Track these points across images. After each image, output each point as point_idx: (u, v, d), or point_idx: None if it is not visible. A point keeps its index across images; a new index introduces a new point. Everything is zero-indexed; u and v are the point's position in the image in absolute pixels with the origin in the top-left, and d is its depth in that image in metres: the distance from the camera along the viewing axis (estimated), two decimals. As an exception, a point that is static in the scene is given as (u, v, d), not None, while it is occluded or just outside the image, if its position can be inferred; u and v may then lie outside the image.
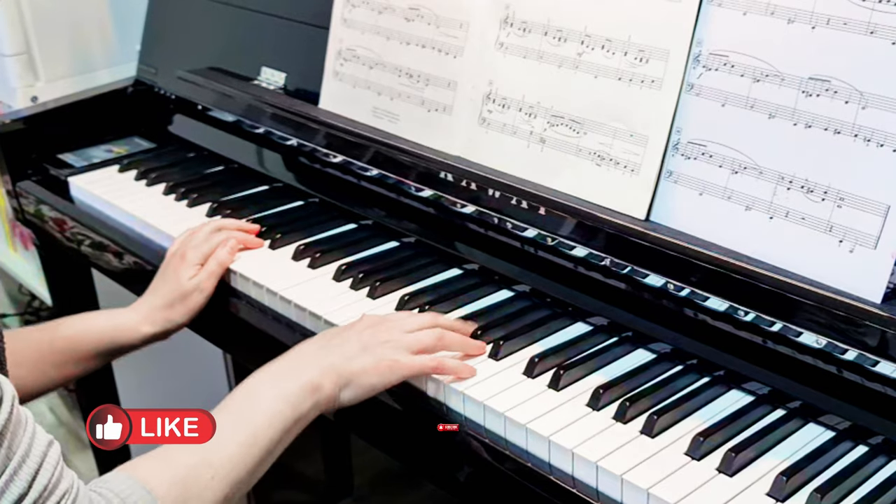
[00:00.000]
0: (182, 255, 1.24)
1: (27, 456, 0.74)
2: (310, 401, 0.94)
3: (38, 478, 0.74)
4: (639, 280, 1.01)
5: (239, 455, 0.88)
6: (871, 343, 0.84)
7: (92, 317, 1.23)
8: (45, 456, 0.75)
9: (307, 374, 0.95)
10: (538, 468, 0.90)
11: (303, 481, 2.05)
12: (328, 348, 0.99)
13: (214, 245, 1.25)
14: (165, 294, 1.22)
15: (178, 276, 1.22)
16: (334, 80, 1.35)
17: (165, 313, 1.21)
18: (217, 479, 0.86)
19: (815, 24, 0.90)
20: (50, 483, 0.75)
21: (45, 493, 0.74)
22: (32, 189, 1.58)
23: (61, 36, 1.84)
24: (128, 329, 1.20)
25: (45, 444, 0.76)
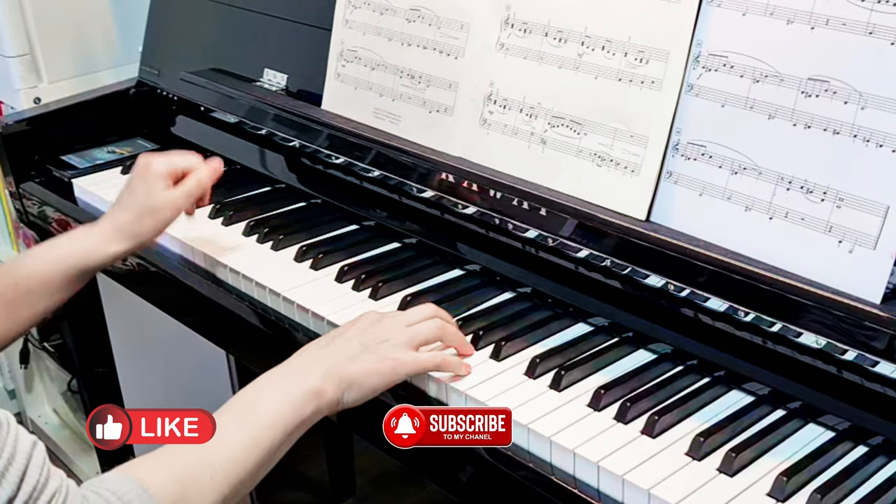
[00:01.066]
0: (147, 164, 1.18)
1: (13, 458, 0.74)
2: (312, 405, 0.94)
3: (27, 479, 0.74)
4: (639, 280, 1.01)
5: (240, 456, 0.88)
6: (871, 343, 0.84)
7: (53, 246, 1.18)
8: (30, 457, 0.75)
9: (310, 378, 0.95)
10: (539, 468, 0.90)
11: (306, 482, 2.05)
12: (330, 350, 0.98)
13: (189, 161, 1.21)
14: (133, 206, 1.17)
15: (149, 187, 1.17)
16: (336, 82, 1.35)
17: (133, 227, 1.17)
18: (216, 480, 0.86)
19: (814, 25, 0.90)
20: (38, 483, 0.74)
21: (35, 493, 0.74)
22: (35, 190, 1.58)
23: (64, 37, 1.85)
24: (94, 250, 1.16)
25: (30, 444, 0.76)
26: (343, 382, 0.96)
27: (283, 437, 0.92)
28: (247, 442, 0.89)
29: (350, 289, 1.17)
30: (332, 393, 0.95)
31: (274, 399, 0.93)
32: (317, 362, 0.97)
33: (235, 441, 0.89)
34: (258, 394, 0.94)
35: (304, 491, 2.07)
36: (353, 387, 0.96)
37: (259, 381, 0.96)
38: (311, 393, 0.94)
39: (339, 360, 0.97)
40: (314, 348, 1.00)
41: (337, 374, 0.96)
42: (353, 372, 0.96)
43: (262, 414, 0.91)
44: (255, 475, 0.90)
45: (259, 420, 0.91)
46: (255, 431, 0.90)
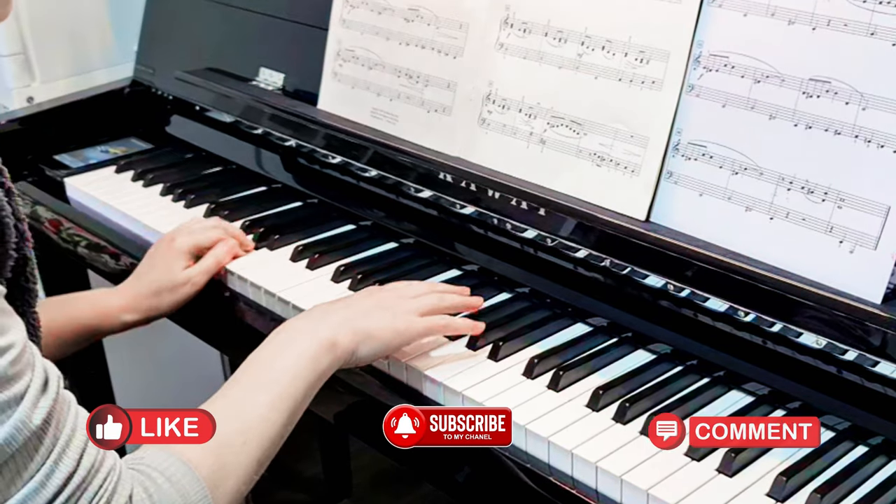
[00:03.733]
0: (171, 239, 1.21)
1: (73, 435, 0.75)
2: (328, 356, 0.94)
3: (85, 456, 0.75)
4: (639, 281, 1.01)
5: (267, 418, 0.89)
6: (871, 343, 0.84)
7: (74, 302, 1.20)
8: None
9: (324, 330, 0.95)
10: (537, 469, 0.90)
11: (302, 482, 2.05)
12: (344, 305, 1.00)
13: (211, 238, 1.23)
14: (153, 282, 1.19)
15: (170, 264, 1.19)
16: (333, 81, 1.35)
17: (151, 301, 1.19)
18: (250, 445, 0.87)
19: (815, 26, 0.90)
20: (96, 461, 0.76)
21: (93, 470, 0.75)
22: (28, 190, 1.57)
23: (58, 36, 1.84)
24: (109, 316, 1.18)
25: None
26: (358, 334, 0.97)
27: (305, 391, 0.92)
28: (272, 402, 0.90)
29: (347, 289, 1.17)
30: (346, 343, 0.96)
31: (291, 355, 0.93)
32: (330, 315, 0.98)
33: (261, 403, 0.89)
34: (274, 352, 0.95)
35: (300, 491, 2.06)
36: (368, 340, 0.97)
37: (273, 337, 0.96)
38: (325, 344, 0.94)
39: (353, 313, 0.98)
40: (326, 305, 1.01)
41: (351, 326, 0.97)
42: (368, 325, 0.97)
43: (281, 372, 0.92)
44: (283, 433, 0.91)
45: (280, 378, 0.91)
46: (278, 389, 0.90)
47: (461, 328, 1.03)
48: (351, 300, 1.03)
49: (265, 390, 0.90)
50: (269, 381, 0.91)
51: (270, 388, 0.91)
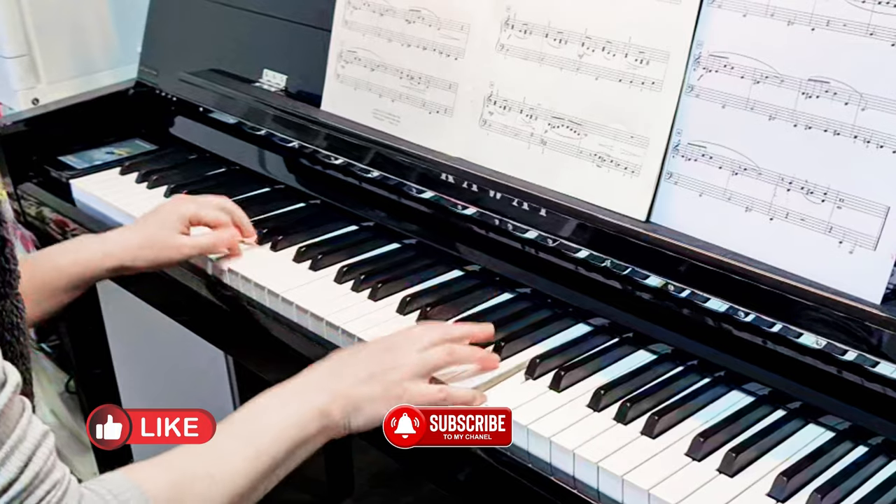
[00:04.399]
0: (176, 204, 1.23)
1: (20, 442, 0.74)
2: (317, 424, 0.93)
3: (30, 465, 0.74)
4: (639, 281, 1.01)
5: (241, 469, 0.88)
6: (871, 344, 0.84)
7: (60, 254, 1.21)
8: (38, 445, 0.75)
9: (316, 398, 0.94)
10: (539, 469, 0.90)
11: (304, 481, 2.05)
12: (339, 373, 0.98)
13: (216, 218, 1.24)
14: (145, 235, 1.20)
15: (165, 223, 1.20)
16: (336, 82, 1.35)
17: (135, 252, 1.19)
18: (214, 491, 0.86)
19: (814, 26, 0.90)
20: (41, 472, 0.75)
21: (36, 480, 0.74)
22: (34, 191, 1.58)
23: (62, 38, 1.85)
24: (93, 265, 1.19)
25: (41, 434, 0.76)
26: (349, 406, 0.95)
27: (286, 455, 0.92)
28: (248, 455, 0.89)
29: (349, 289, 1.17)
30: (337, 415, 0.95)
31: (278, 414, 0.92)
32: (324, 383, 0.97)
33: (236, 454, 0.89)
34: (263, 408, 0.94)
35: (302, 490, 2.06)
36: (359, 412, 0.96)
37: (264, 395, 0.95)
38: (316, 411, 0.93)
39: (346, 384, 0.96)
40: (323, 369, 0.99)
41: (343, 398, 0.95)
42: (359, 397, 0.96)
43: (265, 428, 0.91)
44: (256, 489, 0.90)
45: (262, 435, 0.91)
46: (257, 445, 0.90)
47: (462, 399, 0.97)
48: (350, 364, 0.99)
49: (245, 442, 0.90)
50: (251, 435, 0.90)
51: (251, 441, 0.90)
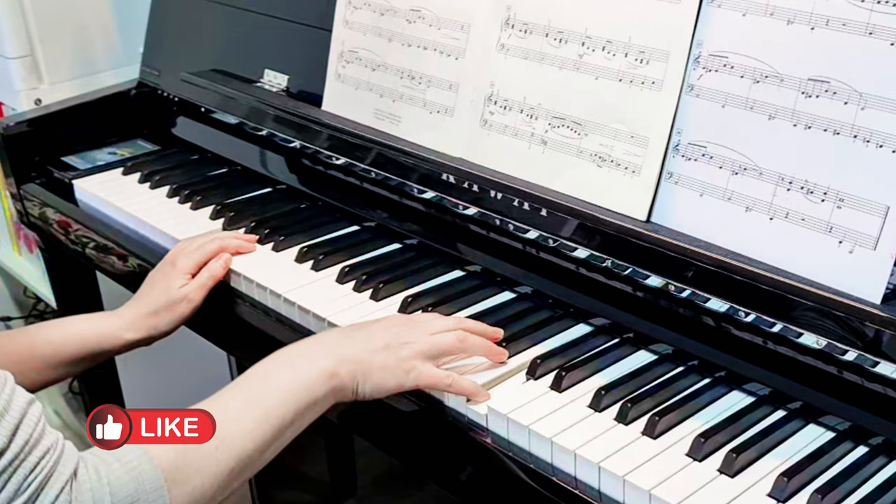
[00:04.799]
0: (173, 262, 1.22)
1: (6, 412, 0.75)
2: (325, 386, 0.93)
3: (19, 433, 0.75)
4: (640, 281, 1.01)
5: (248, 430, 0.88)
6: (871, 344, 0.84)
7: (75, 322, 1.21)
8: (25, 413, 0.76)
9: (326, 359, 0.94)
10: (541, 469, 0.91)
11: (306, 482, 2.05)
12: (351, 339, 0.98)
13: (208, 254, 1.23)
14: (152, 301, 1.20)
15: (168, 283, 1.20)
16: (336, 82, 1.35)
17: (150, 320, 1.20)
18: (221, 451, 0.86)
19: (814, 25, 0.90)
20: (31, 438, 0.75)
21: (27, 447, 0.75)
22: (36, 192, 1.58)
23: (65, 38, 1.85)
24: (111, 335, 1.18)
25: (26, 402, 0.77)
26: (359, 372, 0.95)
27: (295, 416, 0.92)
28: (257, 416, 0.89)
29: (351, 290, 1.17)
30: (346, 378, 0.95)
31: (287, 376, 0.93)
32: (336, 347, 0.97)
33: (245, 415, 0.89)
34: (270, 371, 0.94)
35: (305, 491, 2.07)
36: (369, 380, 0.96)
37: (274, 356, 0.96)
38: (325, 374, 0.93)
39: (359, 349, 0.96)
40: (334, 333, 1.00)
41: (354, 363, 0.95)
42: (371, 365, 0.96)
43: (273, 390, 0.91)
44: (264, 451, 0.90)
45: (270, 396, 0.91)
46: (265, 407, 0.90)
47: (466, 390, 0.97)
48: (365, 332, 0.99)
49: (253, 404, 0.90)
50: (260, 397, 0.91)
51: (259, 403, 0.90)
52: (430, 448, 1.03)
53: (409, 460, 1.10)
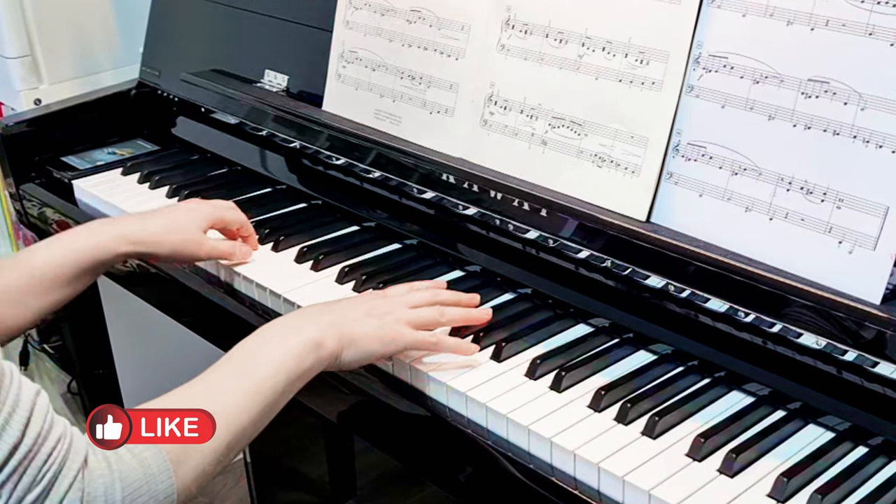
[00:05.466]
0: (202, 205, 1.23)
1: (16, 406, 0.75)
2: (312, 356, 0.95)
3: (31, 426, 0.75)
4: (640, 281, 1.01)
5: (242, 404, 0.90)
6: (871, 344, 0.84)
7: (70, 238, 1.16)
8: (34, 404, 0.76)
9: (310, 329, 0.96)
10: (540, 469, 0.91)
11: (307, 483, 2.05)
12: (333, 309, 1.01)
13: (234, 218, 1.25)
14: (168, 224, 1.19)
15: (194, 220, 1.20)
16: (337, 83, 1.36)
17: (155, 239, 1.18)
18: (219, 427, 0.87)
19: (813, 26, 0.90)
20: (42, 430, 0.76)
21: (39, 439, 0.75)
22: (36, 192, 1.58)
23: (64, 38, 1.85)
24: (107, 248, 1.15)
25: (34, 393, 0.77)
26: (343, 339, 0.97)
27: (285, 386, 0.93)
28: (248, 390, 0.91)
29: (351, 290, 1.17)
30: (331, 345, 0.97)
31: (275, 349, 0.94)
32: (319, 316, 0.99)
33: (236, 390, 0.90)
34: (259, 344, 0.96)
35: (305, 492, 2.07)
36: (353, 346, 0.98)
37: (260, 331, 0.97)
38: (311, 343, 0.95)
39: (341, 317, 0.99)
40: (319, 306, 1.03)
41: (338, 330, 0.97)
42: (354, 331, 0.98)
43: (262, 363, 0.93)
44: (257, 423, 0.92)
45: (260, 369, 0.92)
46: (255, 380, 0.91)
47: (452, 349, 1.02)
48: (346, 303, 1.03)
49: (244, 378, 0.91)
50: (249, 371, 0.92)
51: (249, 377, 0.92)
52: (429, 449, 1.03)
53: (409, 461, 1.10)
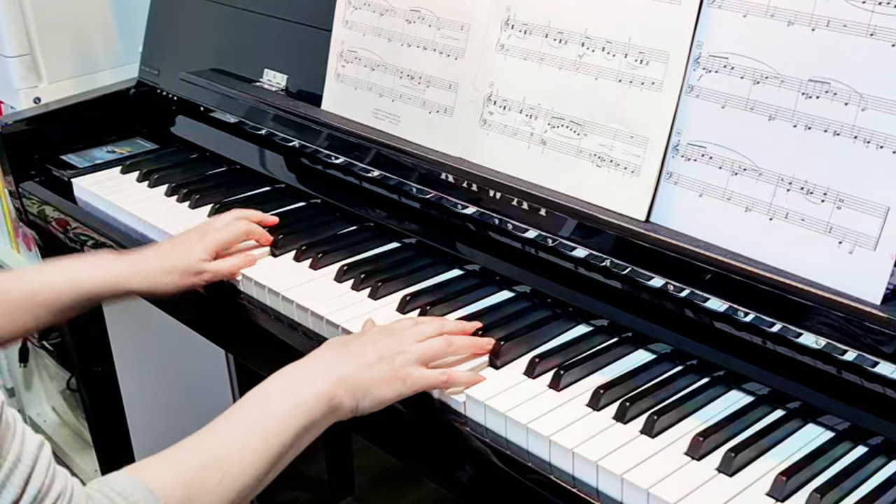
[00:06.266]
0: (202, 233, 1.23)
1: (19, 460, 0.74)
2: (324, 408, 0.93)
3: (32, 480, 0.74)
4: (639, 281, 1.01)
5: (248, 461, 0.87)
6: (871, 344, 0.84)
7: (76, 267, 1.18)
8: (37, 458, 0.75)
9: (323, 382, 0.94)
10: (539, 468, 0.91)
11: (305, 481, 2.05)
12: (345, 357, 0.97)
13: (236, 234, 1.24)
14: (168, 260, 1.19)
15: (191, 251, 1.20)
16: (336, 82, 1.36)
17: (158, 277, 1.18)
18: (224, 484, 0.85)
19: (814, 26, 0.90)
20: (44, 485, 0.74)
21: (40, 495, 0.74)
22: (35, 190, 1.58)
23: (64, 37, 1.85)
24: (112, 284, 1.17)
25: (37, 446, 0.76)
26: (358, 390, 0.95)
27: (294, 441, 0.91)
28: (256, 446, 0.88)
29: (349, 288, 1.17)
30: (344, 397, 0.94)
31: (285, 402, 0.92)
32: (331, 367, 0.96)
33: (244, 445, 0.88)
34: (268, 397, 0.93)
35: (303, 490, 2.07)
36: (368, 396, 0.95)
37: (268, 383, 0.95)
38: (323, 397, 0.93)
39: (354, 367, 0.96)
40: (328, 352, 0.99)
41: (353, 382, 0.95)
42: (367, 380, 0.95)
43: (272, 417, 0.90)
44: (264, 479, 0.90)
45: (269, 423, 0.90)
46: (265, 435, 0.89)
47: (463, 383, 0.99)
48: (355, 347, 0.99)
49: (253, 432, 0.89)
50: (258, 424, 0.90)
51: (258, 430, 0.89)
52: (428, 446, 1.03)
53: (408, 459, 1.10)
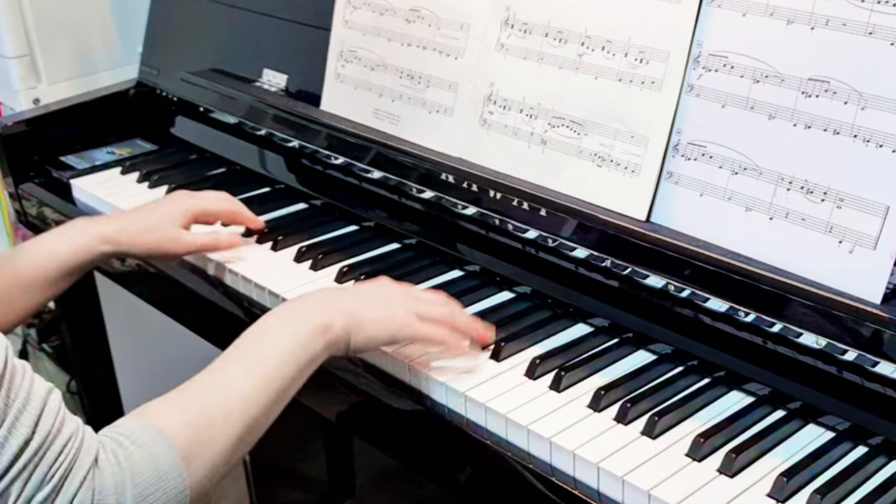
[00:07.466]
0: (183, 197, 1.23)
1: (27, 402, 0.75)
2: (321, 341, 0.94)
3: (41, 423, 0.75)
4: (639, 281, 1.01)
5: (252, 397, 0.89)
6: (871, 344, 0.84)
7: (53, 239, 1.17)
8: (45, 402, 0.77)
9: (318, 314, 0.95)
10: (539, 469, 0.90)
11: (305, 482, 2.05)
12: (345, 293, 1.00)
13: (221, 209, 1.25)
14: (145, 223, 1.20)
15: (170, 214, 1.20)
16: (336, 82, 1.35)
17: (130, 239, 1.18)
18: (230, 422, 0.86)
19: (814, 25, 0.90)
20: (53, 427, 0.76)
21: (50, 437, 0.75)
22: (35, 191, 1.58)
23: (63, 38, 1.85)
24: (89, 248, 1.16)
25: (45, 391, 0.78)
26: (353, 323, 0.96)
27: (295, 374, 0.92)
28: (259, 381, 0.90)
29: (350, 289, 1.17)
30: (339, 330, 0.95)
31: (283, 337, 0.93)
32: (328, 301, 0.98)
33: (247, 381, 0.89)
34: (266, 332, 0.94)
35: (304, 491, 2.07)
36: (363, 331, 0.97)
37: (265, 320, 0.96)
38: (319, 328, 0.94)
39: (353, 302, 0.98)
40: (328, 289, 1.01)
41: (348, 314, 0.96)
42: (364, 315, 0.97)
43: (271, 352, 0.92)
44: (269, 413, 0.91)
45: (270, 358, 0.91)
46: (266, 370, 0.90)
47: (459, 349, 1.00)
48: (358, 289, 1.02)
49: (253, 369, 0.90)
50: (259, 361, 0.91)
51: (259, 367, 0.91)
52: (428, 448, 1.03)
53: (408, 460, 1.10)
